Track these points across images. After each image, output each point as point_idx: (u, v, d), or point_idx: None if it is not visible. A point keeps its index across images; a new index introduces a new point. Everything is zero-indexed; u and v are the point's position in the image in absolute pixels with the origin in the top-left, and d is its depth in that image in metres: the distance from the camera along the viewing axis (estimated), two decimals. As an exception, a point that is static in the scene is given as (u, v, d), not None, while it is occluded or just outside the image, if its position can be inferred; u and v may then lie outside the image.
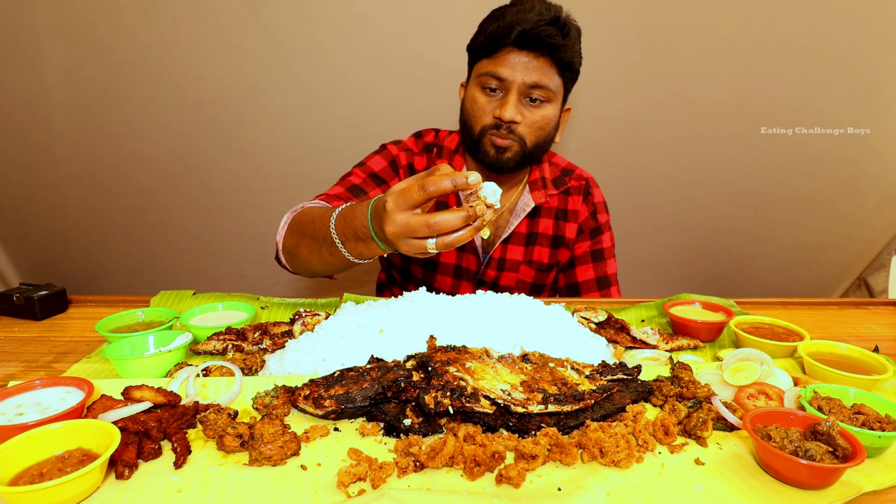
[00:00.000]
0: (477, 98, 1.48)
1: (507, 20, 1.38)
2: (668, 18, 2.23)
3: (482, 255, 1.70)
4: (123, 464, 0.73)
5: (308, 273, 1.39)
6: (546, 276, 1.74)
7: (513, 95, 1.43)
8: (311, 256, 1.25)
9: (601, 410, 0.88)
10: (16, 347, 1.19)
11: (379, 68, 2.26)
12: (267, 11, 2.16)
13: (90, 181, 2.47)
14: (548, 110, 1.48)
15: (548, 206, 1.68)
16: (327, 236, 1.13)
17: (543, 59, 1.41)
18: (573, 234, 1.71)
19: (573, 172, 1.74)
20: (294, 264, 1.39)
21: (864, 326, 1.45)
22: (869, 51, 2.25)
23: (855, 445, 0.74)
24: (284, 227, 1.40)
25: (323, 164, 2.43)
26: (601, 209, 1.74)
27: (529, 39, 1.38)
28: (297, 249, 1.31)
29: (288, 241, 1.36)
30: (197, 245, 2.65)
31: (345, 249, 1.11)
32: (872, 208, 2.59)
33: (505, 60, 1.41)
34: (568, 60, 1.44)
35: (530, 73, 1.41)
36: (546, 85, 1.43)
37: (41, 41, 2.15)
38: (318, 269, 1.32)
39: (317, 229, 1.19)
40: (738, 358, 1.01)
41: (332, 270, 1.32)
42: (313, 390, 0.87)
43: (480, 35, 1.47)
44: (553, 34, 1.37)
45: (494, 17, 1.44)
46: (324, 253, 1.18)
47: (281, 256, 1.44)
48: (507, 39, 1.39)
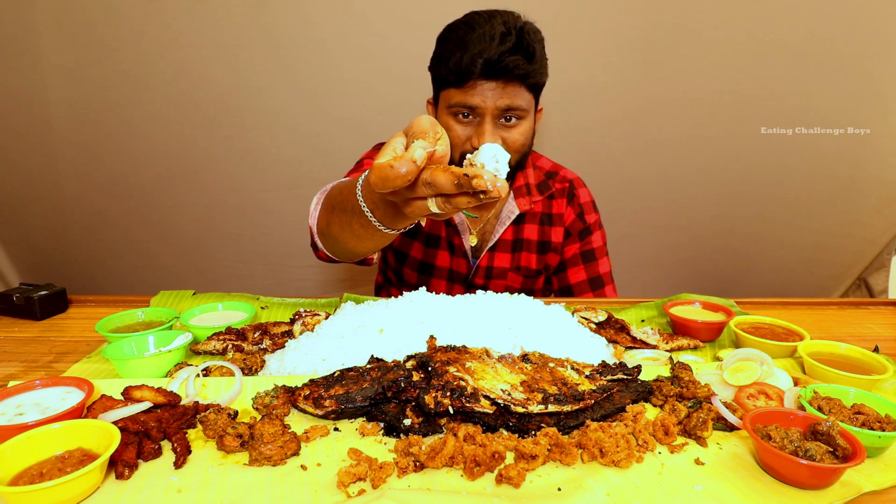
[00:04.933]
0: (452, 126, 1.45)
1: (470, 53, 1.34)
2: (668, 18, 2.23)
3: (471, 260, 1.69)
4: (123, 464, 0.73)
5: (345, 254, 1.29)
6: (535, 281, 1.72)
7: (488, 124, 1.41)
8: (342, 233, 1.16)
9: (601, 410, 0.88)
10: (16, 347, 1.19)
11: (379, 68, 2.26)
12: (267, 11, 2.16)
13: (90, 181, 2.47)
14: (524, 126, 1.47)
15: (532, 212, 1.67)
16: (356, 206, 1.03)
17: (512, 83, 1.39)
18: (560, 238, 1.70)
19: (557, 174, 1.72)
20: (329, 245, 1.29)
21: (864, 326, 1.45)
22: (869, 51, 2.25)
23: (855, 445, 0.74)
24: (318, 207, 1.30)
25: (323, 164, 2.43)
26: (588, 209, 1.72)
27: (496, 71, 1.35)
28: (329, 227, 1.22)
29: (322, 220, 1.26)
30: (197, 245, 2.65)
31: (374, 217, 1.00)
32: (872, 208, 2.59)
33: (474, 91, 1.38)
34: (536, 80, 1.42)
35: (501, 98, 1.39)
36: (518, 105, 1.41)
37: (41, 41, 2.15)
38: (352, 247, 1.21)
39: (345, 200, 1.11)
40: (738, 358, 1.01)
41: (367, 247, 1.20)
42: (313, 390, 0.87)
43: (443, 66, 1.42)
44: (519, 63, 1.35)
45: (454, 43, 1.39)
46: (354, 226, 1.09)
47: (317, 240, 1.32)
48: (472, 74, 1.36)
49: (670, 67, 2.31)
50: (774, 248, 2.75)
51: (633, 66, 2.31)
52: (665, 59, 2.30)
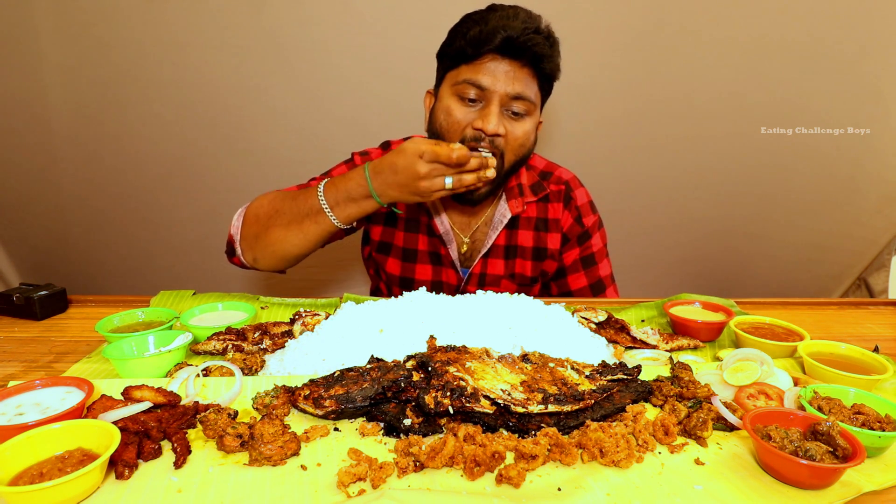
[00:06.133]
0: (453, 109, 1.37)
1: (491, 25, 1.29)
2: (668, 19, 2.23)
3: (461, 269, 1.63)
4: (123, 464, 0.73)
5: (272, 259, 1.48)
6: (530, 289, 1.65)
7: (494, 106, 1.34)
8: (286, 234, 1.41)
9: (601, 410, 0.88)
10: (16, 347, 1.19)
11: (379, 68, 2.26)
12: (267, 11, 2.16)
13: (90, 181, 2.47)
14: (528, 125, 1.41)
15: (526, 215, 1.60)
16: (314, 205, 1.36)
17: (526, 69, 1.34)
18: (557, 245, 1.62)
19: (552, 175, 1.65)
20: (256, 250, 1.48)
21: (864, 326, 1.45)
22: (869, 51, 2.25)
23: (855, 445, 0.74)
24: (240, 219, 1.51)
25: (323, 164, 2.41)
26: (586, 211, 1.64)
27: (514, 47, 1.29)
28: (266, 232, 1.44)
29: (249, 229, 1.48)
30: (197, 245, 2.65)
31: (332, 213, 1.35)
32: (872, 208, 2.59)
33: (486, 68, 1.32)
34: (550, 72, 1.37)
35: (513, 83, 1.33)
36: (528, 97, 1.35)
37: (41, 41, 2.15)
38: (288, 249, 1.44)
39: (297, 204, 1.39)
40: (738, 358, 1.01)
41: (305, 246, 1.43)
42: (313, 390, 0.87)
43: (459, 39, 1.35)
44: (540, 42, 1.31)
45: (474, 20, 1.34)
46: (304, 225, 1.39)
47: (237, 247, 1.51)
48: (489, 45, 1.29)
49: (670, 67, 2.31)
50: (774, 248, 2.75)
51: (633, 66, 2.31)
52: (665, 59, 2.30)
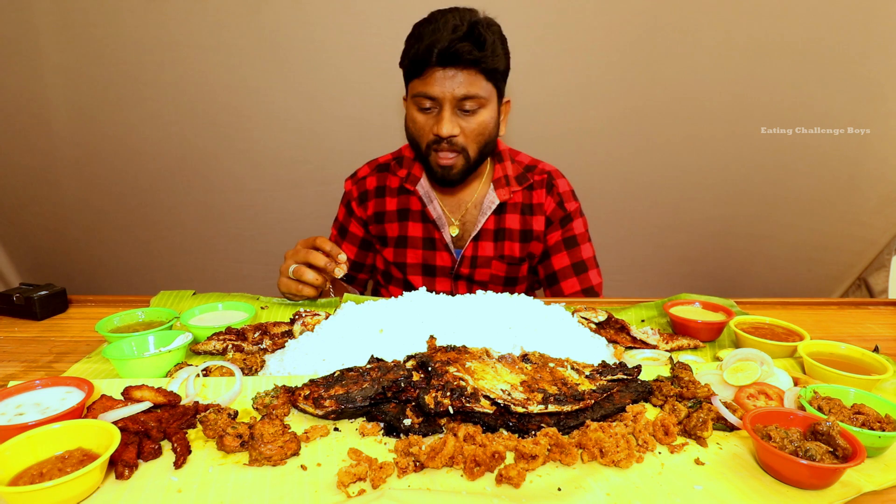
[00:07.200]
0: (416, 118, 1.55)
1: (425, 42, 1.43)
2: (667, 19, 2.23)
3: (454, 251, 1.77)
4: (123, 464, 0.73)
5: None
6: (518, 269, 1.79)
7: (446, 111, 1.49)
8: None
9: (601, 410, 0.88)
10: (16, 347, 1.19)
11: (379, 68, 2.26)
12: (267, 11, 2.16)
13: (90, 181, 2.47)
14: (483, 115, 1.53)
15: (513, 202, 1.75)
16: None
17: (467, 70, 1.45)
18: (541, 227, 1.76)
19: (535, 168, 1.80)
20: None
21: (864, 326, 1.45)
22: (869, 51, 2.25)
23: (855, 445, 0.74)
24: None
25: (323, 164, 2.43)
26: (568, 198, 1.78)
27: (448, 57, 1.42)
28: None
29: None
30: (197, 245, 2.65)
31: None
32: (872, 208, 2.59)
33: (432, 80, 1.46)
34: (491, 67, 1.47)
35: (458, 87, 1.46)
36: (476, 94, 1.48)
37: (41, 41, 2.15)
38: None
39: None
40: (738, 358, 1.01)
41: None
42: (313, 390, 0.87)
43: (404, 59, 1.53)
44: (468, 50, 1.42)
45: (415, 37, 1.49)
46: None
47: None
48: (428, 61, 1.44)
49: (670, 68, 2.31)
50: (774, 248, 2.75)
51: (633, 66, 2.31)
52: (665, 59, 2.30)
